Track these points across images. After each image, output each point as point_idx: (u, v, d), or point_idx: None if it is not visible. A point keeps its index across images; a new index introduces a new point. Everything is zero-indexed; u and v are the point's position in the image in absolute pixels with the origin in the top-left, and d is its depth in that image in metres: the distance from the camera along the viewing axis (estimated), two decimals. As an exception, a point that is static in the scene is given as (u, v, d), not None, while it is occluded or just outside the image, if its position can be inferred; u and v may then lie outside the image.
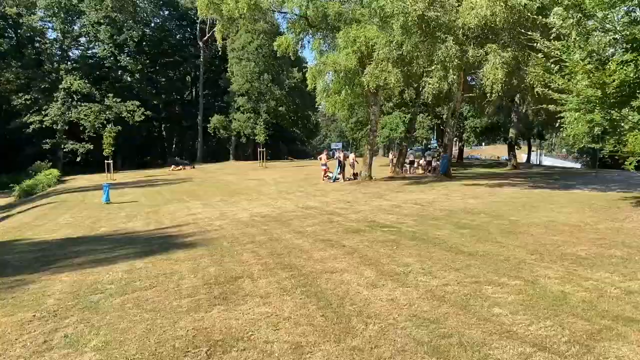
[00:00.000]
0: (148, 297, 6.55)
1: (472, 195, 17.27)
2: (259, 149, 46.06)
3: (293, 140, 68.66)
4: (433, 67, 19.15)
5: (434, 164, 32.21)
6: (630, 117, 10.99)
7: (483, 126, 40.79)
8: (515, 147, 40.26)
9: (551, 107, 14.64)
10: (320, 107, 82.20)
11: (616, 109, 10.88)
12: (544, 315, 4.98)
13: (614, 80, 10.26)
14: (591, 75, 10.47)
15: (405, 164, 30.89)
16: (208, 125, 56.59)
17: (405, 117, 35.03)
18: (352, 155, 27.55)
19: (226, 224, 13.42)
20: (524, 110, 36.02)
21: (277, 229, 11.90)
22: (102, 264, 8.97)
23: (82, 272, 8.34)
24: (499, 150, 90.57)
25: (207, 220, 14.38)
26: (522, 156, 68.61)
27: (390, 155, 33.88)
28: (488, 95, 18.96)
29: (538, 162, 64.04)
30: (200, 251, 9.69)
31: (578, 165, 61.10)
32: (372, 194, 19.19)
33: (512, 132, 38.13)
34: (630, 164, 10.83)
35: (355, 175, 26.83)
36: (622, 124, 11.05)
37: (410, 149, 38.52)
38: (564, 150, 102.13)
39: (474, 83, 28.81)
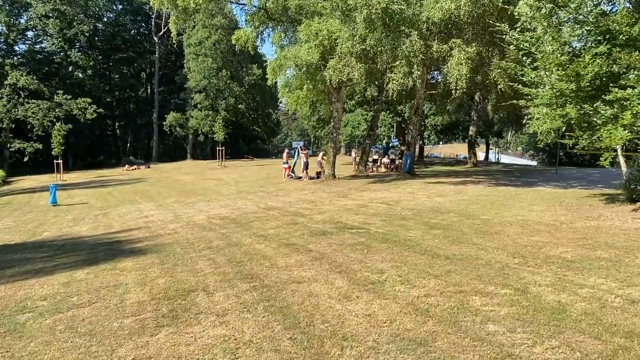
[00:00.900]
0: (85, 317, 5.61)
1: (438, 194, 16.79)
2: (217, 148, 44.77)
3: (253, 138, 67.37)
4: (397, 63, 18.60)
5: (396, 162, 31.86)
6: (602, 111, 10.61)
7: (444, 124, 40.75)
8: (475, 145, 40.38)
9: (521, 102, 14.27)
10: (281, 105, 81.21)
11: (589, 103, 10.48)
12: (546, 332, 4.33)
13: (588, 73, 9.85)
14: (566, 67, 10.03)
15: (368, 163, 30.35)
16: (164, 123, 54.73)
17: (367, 115, 34.55)
18: (320, 154, 26.75)
19: (181, 227, 12.45)
20: (486, 107, 36.11)
21: (237, 232, 11.03)
22: (38, 276, 7.93)
23: (12, 286, 7.30)
24: (455, 149, 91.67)
25: (160, 224, 13.36)
26: (479, 154, 69.49)
27: (353, 154, 33.31)
28: (453, 91, 18.55)
29: (496, 160, 64.85)
30: (150, 259, 8.75)
31: (534, 163, 62.12)
32: (337, 193, 18.50)
33: (472, 130, 38.16)
34: (605, 159, 10.42)
35: (318, 174, 26.11)
36: (595, 119, 10.67)
37: (374, 148, 38.18)
38: (520, 148, 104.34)
39: (434, 81, 28.55)
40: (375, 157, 31.23)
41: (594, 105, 10.57)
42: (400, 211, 13.02)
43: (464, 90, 18.82)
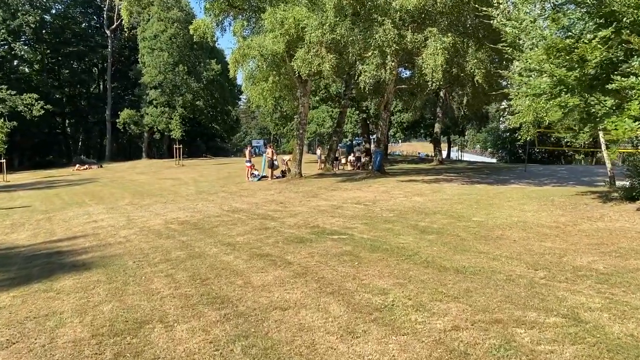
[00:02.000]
0: (-4, 369, 4.12)
1: (415, 193, 15.70)
2: (174, 146, 42.70)
3: (212, 137, 65.03)
4: (370, 53, 17.41)
5: (362, 160, 30.81)
6: (604, 101, 9.67)
7: (410, 121, 40.00)
8: (440, 142, 39.78)
9: (511, 92, 13.36)
10: (240, 102, 79.23)
11: (590, 92, 9.53)
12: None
13: (595, 58, 8.87)
14: (571, 52, 9.02)
15: (338, 160, 29.19)
16: (117, 121, 52.01)
17: (333, 112, 33.37)
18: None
19: (134, 234, 10.87)
20: (451, 104, 35.51)
21: (200, 240, 9.56)
22: (-53, 303, 6.30)
23: None
24: (415, 147, 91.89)
25: (110, 230, 11.73)
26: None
27: (319, 152, 32.04)
28: (429, 83, 17.50)
29: (459, 158, 64.82)
30: (95, 275, 7.22)
31: (494, 160, 62.44)
32: (306, 193, 17.18)
33: (437, 128, 37.53)
34: (613, 152, 9.43)
35: (283, 173, 24.71)
36: (596, 110, 9.73)
37: (340, 145, 37.04)
38: (478, 146, 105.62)
39: (402, 76, 27.61)
40: (341, 155, 30.03)
41: (594, 95, 9.61)
42: (381, 212, 11.81)
43: (440, 82, 17.79)
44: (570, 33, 9.90)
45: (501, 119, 58.89)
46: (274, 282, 6.14)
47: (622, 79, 9.00)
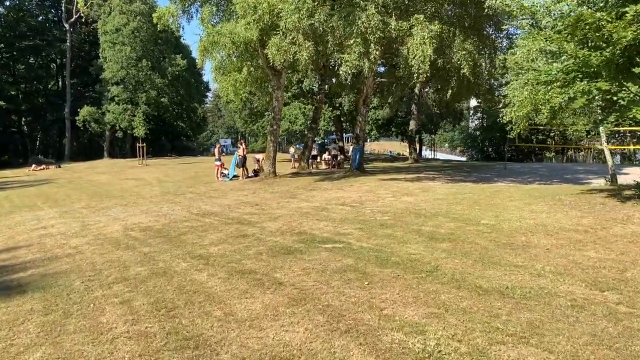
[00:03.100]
0: None
1: (403, 192, 14.38)
2: (138, 145, 40.48)
3: (177, 135, 62.45)
4: (352, 41, 15.99)
5: (338, 158, 29.48)
6: (629, 87, 8.52)
7: (385, 118, 38.83)
8: (414, 140, 38.74)
9: (511, 77, 12.26)
10: (208, 100, 76.90)
11: (616, 78, 8.35)
12: None
13: (626, 37, 7.66)
14: (601, 29, 7.78)
15: (312, 158, 27.75)
16: (77, 119, 49.26)
17: (306, 108, 31.92)
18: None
19: (87, 243, 9.20)
20: (426, 101, 34.50)
21: (165, 251, 7.98)
22: None
23: None
24: (383, 146, 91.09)
25: (59, 238, 10.00)
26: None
27: (292, 150, 30.50)
28: (415, 75, 16.20)
29: (433, 157, 64.17)
30: (29, 302, 5.61)
31: (464, 159, 62.05)
32: (283, 194, 15.67)
33: (412, 125, 36.45)
34: None
35: (255, 172, 23.11)
36: (619, 97, 8.57)
37: (317, 142, 35.57)
38: (446, 145, 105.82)
39: (381, 70, 26.38)
40: (315, 152, 28.58)
41: (620, 80, 8.43)
42: (373, 215, 10.42)
43: (427, 74, 16.51)
44: (594, 6, 8.68)
45: (471, 117, 58.67)
46: (264, 312, 4.65)
47: None
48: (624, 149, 42.31)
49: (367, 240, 7.84)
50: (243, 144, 23.55)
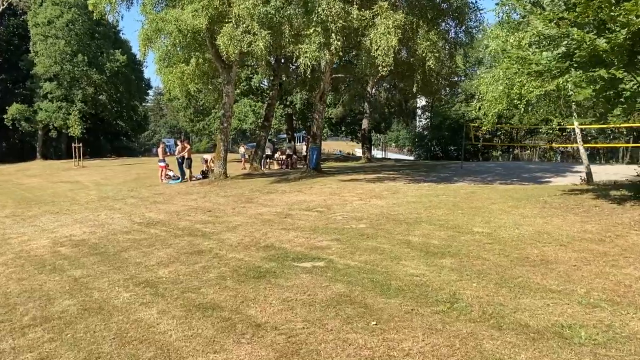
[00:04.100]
0: None
1: (371, 195, 13.21)
2: (74, 145, 37.56)
3: (117, 135, 59.04)
4: (312, 30, 14.66)
5: (293, 158, 28.15)
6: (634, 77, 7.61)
7: (338, 116, 37.70)
8: (368, 140, 37.84)
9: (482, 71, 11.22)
10: (149, 98, 73.48)
11: (627, 65, 7.44)
12: None
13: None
14: (619, 5, 6.79)
15: (267, 158, 26.25)
16: (5, 117, 45.49)
17: (256, 106, 30.37)
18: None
19: (2, 264, 7.43)
20: (379, 99, 33.66)
21: (102, 274, 6.38)
22: None
23: None
24: (329, 146, 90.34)
25: (-34, 259, 8.14)
26: (358, 150, 67.92)
27: (242, 149, 28.82)
28: (380, 68, 15.05)
29: (383, 156, 63.70)
30: None
31: (412, 158, 62.08)
32: (237, 197, 14.15)
33: (365, 124, 35.52)
34: None
35: (204, 173, 21.39)
36: (626, 88, 7.67)
37: (250, 144, 33.84)
38: (393, 144, 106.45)
39: (337, 65, 25.14)
40: (269, 152, 27.06)
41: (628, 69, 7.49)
42: (346, 222, 9.15)
43: (390, 67, 15.38)
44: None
45: (419, 116, 58.64)
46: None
47: None
48: (567, 147, 43.17)
49: (351, 255, 6.54)
50: (182, 143, 21.69)
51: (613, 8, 6.72)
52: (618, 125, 32.14)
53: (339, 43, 14.86)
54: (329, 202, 12.13)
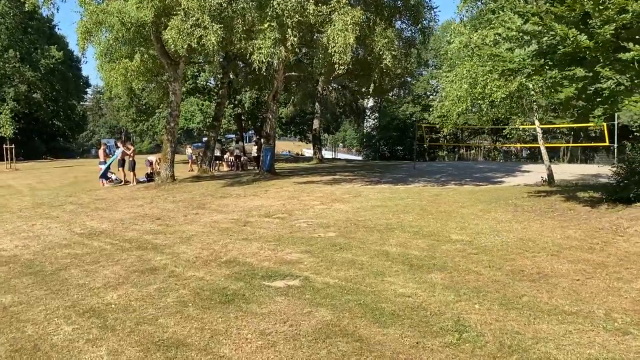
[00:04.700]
0: None
1: (332, 198, 12.58)
2: (5, 146, 35.02)
3: (53, 135, 55.83)
4: (266, 25, 13.88)
5: (242, 159, 27.22)
6: (613, 75, 7.29)
7: (289, 116, 36.92)
8: (319, 140, 37.25)
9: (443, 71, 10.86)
10: (88, 96, 70.16)
11: (608, 62, 7.11)
12: None
13: (634, 11, 6.38)
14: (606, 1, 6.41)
15: (217, 159, 25.14)
16: None
17: (204, 105, 29.20)
18: (151, 158, 20.73)
19: None
20: (330, 98, 33.18)
21: (37, 301, 5.40)
22: None
23: None
24: (277, 146, 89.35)
25: None
26: (306, 151, 67.43)
27: (189, 150, 27.55)
28: (337, 66, 14.44)
29: (333, 156, 63.30)
30: None
31: (360, 158, 62.15)
32: (188, 203, 13.18)
33: (316, 124, 34.97)
34: None
35: (149, 176, 20.15)
36: (605, 86, 7.35)
37: (194, 144, 32.61)
38: (341, 144, 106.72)
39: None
40: (218, 153, 25.97)
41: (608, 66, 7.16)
42: (313, 230, 8.46)
43: (348, 65, 14.79)
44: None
45: (368, 117, 58.71)
46: None
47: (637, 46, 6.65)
48: (510, 147, 44.21)
49: (328, 271, 5.85)
50: (123, 144, 20.45)
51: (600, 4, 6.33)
52: (559, 126, 32.98)
53: (295, 39, 14.17)
54: (289, 207, 11.40)
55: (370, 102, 51.74)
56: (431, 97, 49.30)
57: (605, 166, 24.21)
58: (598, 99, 7.40)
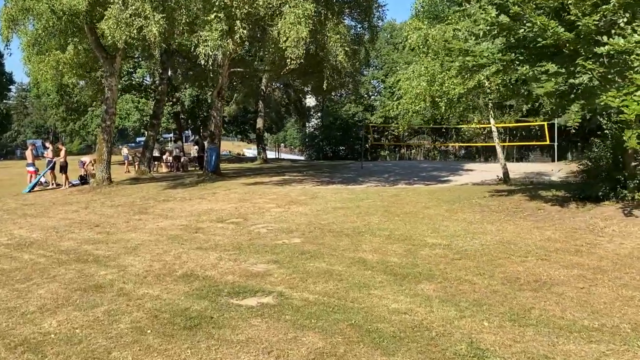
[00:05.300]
0: None
1: (287, 200, 11.89)
2: None
3: (-28, 135, 52.14)
4: (213, 16, 12.99)
5: (182, 160, 25.99)
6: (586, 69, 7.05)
7: (232, 115, 35.72)
8: (263, 140, 36.32)
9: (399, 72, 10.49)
10: (11, 94, 65.71)
11: (586, 55, 6.84)
12: None
13: None
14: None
15: (156, 160, 23.75)
16: None
17: (140, 102, 27.71)
18: (85, 159, 19.27)
19: None
20: (273, 97, 32.40)
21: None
22: None
23: None
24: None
25: None
26: (248, 152, 66.13)
27: (125, 151, 25.96)
28: (289, 61, 13.76)
29: (277, 156, 62.25)
30: None
31: (302, 158, 61.63)
32: (129, 207, 12.11)
33: (260, 123, 34.02)
34: (629, 137, 6.66)
35: (83, 178, 18.68)
36: (581, 81, 7.09)
37: (129, 144, 30.97)
38: (282, 145, 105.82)
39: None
40: (158, 153, 24.58)
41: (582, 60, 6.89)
42: (275, 237, 7.77)
43: (300, 60, 14.14)
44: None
45: (311, 116, 58.26)
46: None
47: (617, 39, 6.42)
48: (448, 146, 44.99)
49: (303, 284, 5.20)
50: (57, 145, 18.94)
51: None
52: (497, 125, 33.71)
53: (244, 31, 13.37)
54: (243, 211, 10.64)
55: (312, 102, 51.25)
56: (373, 97, 49.47)
57: (545, 164, 24.93)
58: (572, 95, 7.14)
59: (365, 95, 47.15)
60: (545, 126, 24.40)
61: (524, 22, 6.76)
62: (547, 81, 6.69)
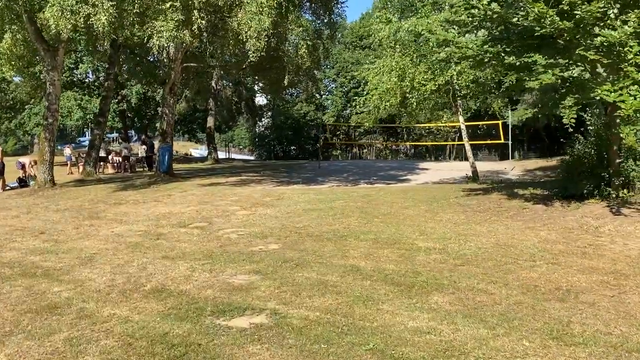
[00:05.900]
0: None
1: (251, 202, 11.15)
2: None
3: None
4: (168, 5, 12.07)
5: (131, 160, 24.68)
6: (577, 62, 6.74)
7: (182, 113, 34.34)
8: (214, 139, 35.14)
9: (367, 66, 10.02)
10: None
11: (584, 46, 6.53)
12: None
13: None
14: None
15: (101, 161, 22.31)
16: None
17: (82, 100, 26.13)
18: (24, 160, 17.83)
19: None
20: (225, 94, 31.43)
21: None
22: None
23: None
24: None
25: None
26: (195, 152, 64.30)
27: (68, 151, 24.29)
28: (250, 54, 13.02)
29: (228, 156, 60.77)
30: None
31: (253, 158, 60.53)
32: (76, 212, 11.04)
33: (211, 122, 32.90)
34: (627, 134, 6.34)
35: (22, 180, 17.23)
36: (573, 74, 6.78)
37: (67, 144, 29.22)
38: (231, 144, 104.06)
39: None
40: (103, 153, 23.12)
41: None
42: (249, 243, 7.08)
43: (261, 53, 13.40)
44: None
45: (263, 117, 57.29)
46: None
47: (608, 31, 6.14)
48: (399, 145, 45.25)
49: (298, 300, 4.54)
50: None
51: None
52: (447, 124, 34.05)
53: (202, 22, 12.53)
54: (206, 214, 9.84)
55: (263, 101, 50.30)
56: (324, 96, 49.06)
57: (495, 163, 25.28)
58: (563, 90, 6.81)
59: (317, 95, 46.71)
60: (500, 125, 24.71)
61: (518, 10, 6.35)
62: (543, 73, 6.30)
